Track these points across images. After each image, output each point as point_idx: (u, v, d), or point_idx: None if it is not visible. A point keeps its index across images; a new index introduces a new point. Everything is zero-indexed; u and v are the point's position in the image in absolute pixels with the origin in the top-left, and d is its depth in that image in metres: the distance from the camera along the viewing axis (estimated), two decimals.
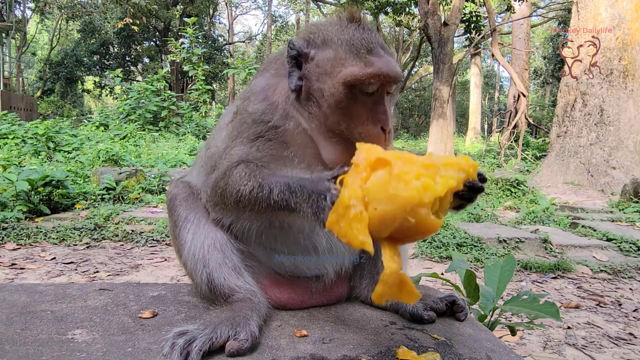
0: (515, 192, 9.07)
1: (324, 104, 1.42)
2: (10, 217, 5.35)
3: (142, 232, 5.40)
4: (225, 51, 37.73)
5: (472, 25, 18.42)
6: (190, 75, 16.06)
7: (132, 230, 5.43)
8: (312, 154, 1.50)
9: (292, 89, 1.48)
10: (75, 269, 4.22)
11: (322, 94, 1.42)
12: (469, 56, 27.55)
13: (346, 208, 1.09)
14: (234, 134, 1.54)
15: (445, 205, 1.15)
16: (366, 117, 1.41)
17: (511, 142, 14.45)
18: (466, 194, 1.22)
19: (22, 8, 29.44)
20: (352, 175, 1.14)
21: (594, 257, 5.01)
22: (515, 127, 14.28)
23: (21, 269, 4.16)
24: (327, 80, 1.41)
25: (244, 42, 49.47)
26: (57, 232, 5.23)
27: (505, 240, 5.18)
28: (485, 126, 44.74)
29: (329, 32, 1.45)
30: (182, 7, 32.03)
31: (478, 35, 18.23)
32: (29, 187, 5.87)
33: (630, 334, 3.12)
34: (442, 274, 2.32)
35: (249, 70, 14.11)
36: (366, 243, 1.07)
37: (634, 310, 3.59)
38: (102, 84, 36.51)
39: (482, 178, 1.26)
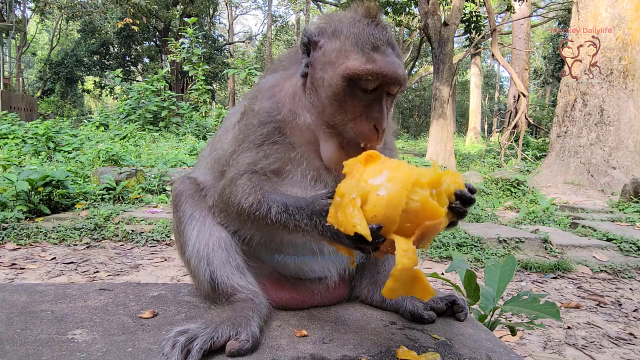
0: (515, 192, 9.07)
1: (323, 94, 1.42)
2: (10, 217, 5.34)
3: (142, 232, 5.40)
4: (225, 51, 37.71)
5: (472, 25, 18.40)
6: (190, 75, 16.05)
7: (132, 230, 5.43)
8: (317, 153, 1.50)
9: (300, 74, 1.48)
10: (75, 269, 4.22)
11: (322, 83, 1.42)
12: (469, 56, 27.55)
13: (342, 197, 1.13)
14: (240, 137, 1.53)
15: (442, 204, 1.16)
16: (360, 113, 1.39)
17: (511, 142, 14.45)
18: (458, 206, 1.21)
19: (22, 8, 29.47)
20: (347, 179, 1.18)
21: (594, 257, 5.01)
22: (515, 127, 14.28)
23: (21, 269, 4.16)
24: (329, 70, 1.41)
25: (244, 42, 49.47)
26: (57, 232, 5.23)
27: (505, 240, 5.18)
28: (485, 126, 44.73)
29: (341, 23, 1.44)
30: (182, 7, 32.01)
31: (478, 35, 18.22)
32: (29, 187, 5.87)
33: (630, 334, 3.12)
34: (442, 274, 2.32)
35: (249, 70, 14.09)
36: (358, 225, 1.07)
37: (634, 310, 3.59)
38: (102, 84, 36.51)
39: (471, 189, 1.25)
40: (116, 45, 35.49)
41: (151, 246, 5.12)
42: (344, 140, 1.42)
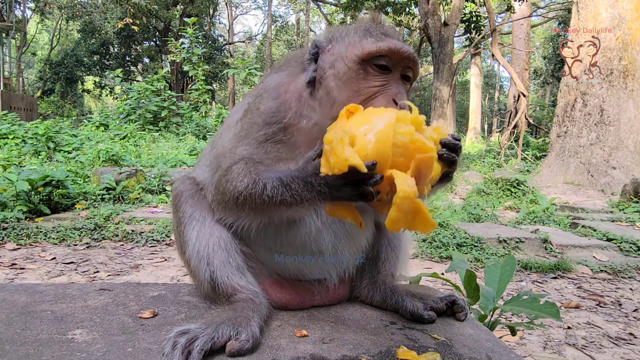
0: (515, 192, 9.07)
1: (334, 84, 1.43)
2: (10, 217, 5.34)
3: (142, 232, 5.40)
4: (225, 51, 37.72)
5: (472, 25, 18.42)
6: (190, 75, 16.05)
7: (132, 230, 5.43)
8: None
9: (306, 81, 1.49)
10: (75, 269, 4.22)
11: (333, 76, 1.44)
12: (469, 56, 27.55)
13: (330, 143, 1.15)
14: (242, 134, 1.53)
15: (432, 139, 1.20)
16: (376, 92, 1.40)
17: (511, 142, 14.45)
18: (446, 153, 1.24)
19: (22, 8, 29.48)
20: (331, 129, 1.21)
21: (594, 257, 5.01)
22: (515, 127, 14.28)
23: (21, 269, 4.16)
24: (340, 62, 1.44)
25: (244, 42, 49.48)
26: (57, 232, 5.23)
27: (505, 240, 5.18)
28: (485, 126, 44.76)
29: (348, 28, 1.52)
30: (182, 7, 32.03)
31: (478, 35, 18.23)
32: (29, 187, 5.87)
33: (630, 334, 3.12)
34: (442, 274, 2.32)
35: (249, 70, 14.09)
36: (351, 157, 1.09)
37: (634, 310, 3.59)
38: (102, 84, 36.53)
39: (454, 137, 1.28)
40: (116, 45, 35.50)
41: (151, 246, 5.12)
42: None
